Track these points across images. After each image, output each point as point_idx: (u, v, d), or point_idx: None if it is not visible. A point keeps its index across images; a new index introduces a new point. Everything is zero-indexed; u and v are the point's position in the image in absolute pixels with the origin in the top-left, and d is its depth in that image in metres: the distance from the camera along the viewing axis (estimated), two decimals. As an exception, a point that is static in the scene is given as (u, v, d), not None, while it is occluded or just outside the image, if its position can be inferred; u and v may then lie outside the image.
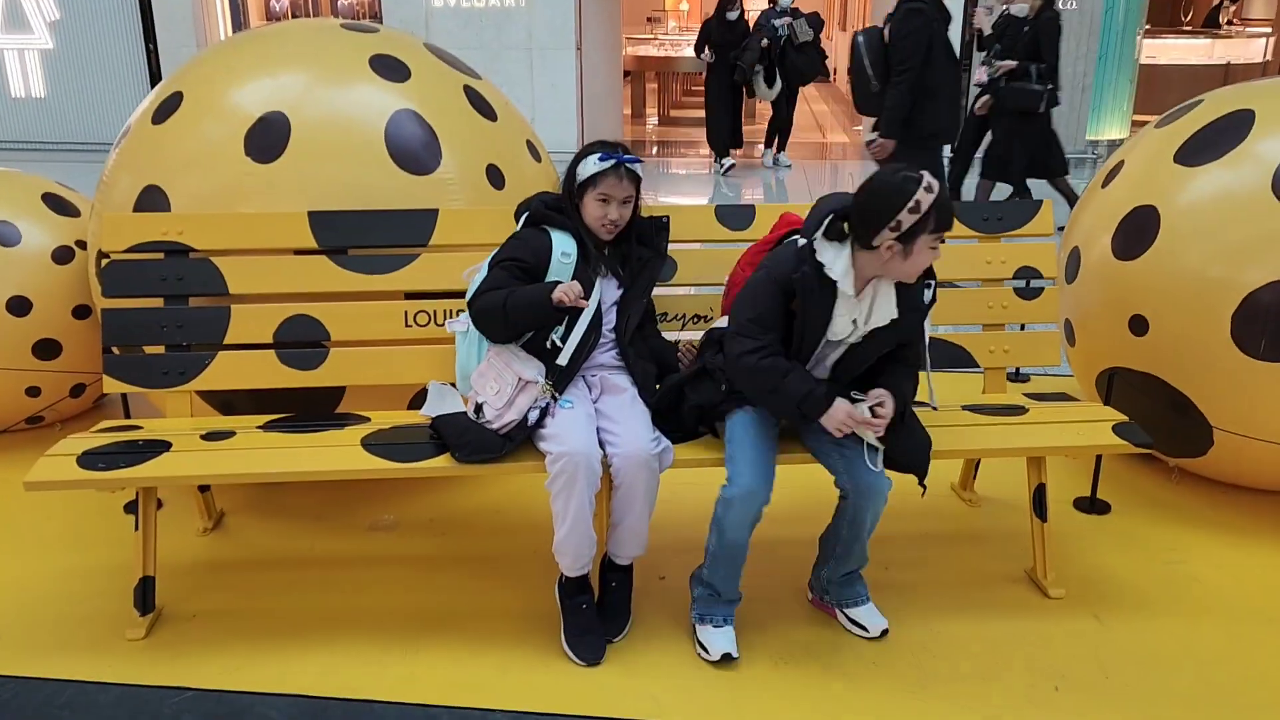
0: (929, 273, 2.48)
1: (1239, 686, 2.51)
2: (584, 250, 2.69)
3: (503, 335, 2.64)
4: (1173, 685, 2.51)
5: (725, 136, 10.15)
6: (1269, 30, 13.62)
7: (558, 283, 2.58)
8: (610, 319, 2.75)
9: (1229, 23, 14.27)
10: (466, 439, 2.58)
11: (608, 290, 2.75)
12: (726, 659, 2.56)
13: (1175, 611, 2.82)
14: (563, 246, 2.67)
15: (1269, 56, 13.04)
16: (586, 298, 2.62)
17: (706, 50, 9.98)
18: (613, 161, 2.62)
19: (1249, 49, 13.00)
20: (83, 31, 10.84)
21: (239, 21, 11.43)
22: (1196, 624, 2.76)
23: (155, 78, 10.88)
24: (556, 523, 2.52)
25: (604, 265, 2.73)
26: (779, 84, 9.83)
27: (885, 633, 2.67)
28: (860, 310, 2.46)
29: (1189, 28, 14.94)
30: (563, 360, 2.61)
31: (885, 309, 2.46)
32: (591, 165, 2.63)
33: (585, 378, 2.71)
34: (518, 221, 2.78)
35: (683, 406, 2.69)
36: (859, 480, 2.50)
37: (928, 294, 2.51)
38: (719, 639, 2.59)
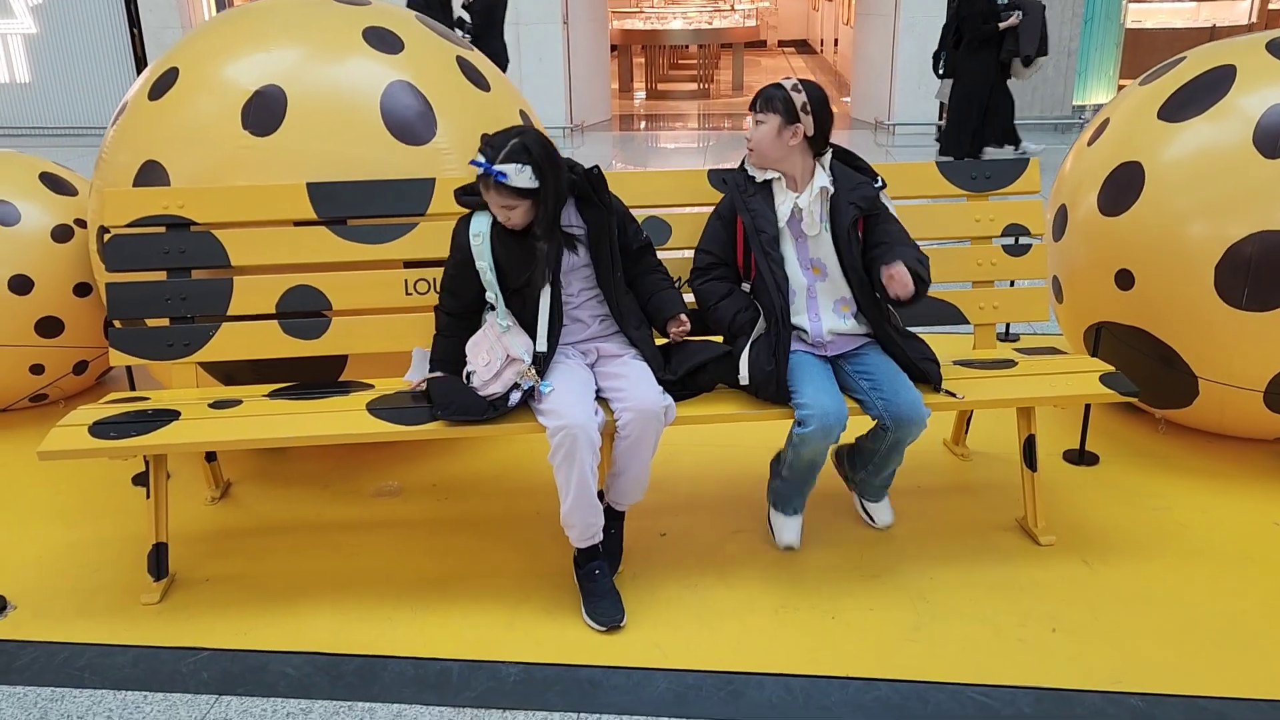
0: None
1: (1222, 623, 2.60)
2: (513, 232, 2.61)
3: None
4: (1159, 623, 2.60)
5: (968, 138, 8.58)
6: (1254, -8, 13.65)
7: (438, 376, 2.74)
8: (577, 284, 2.73)
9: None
10: (451, 399, 2.62)
11: (566, 259, 2.69)
12: (789, 550, 2.86)
13: (1161, 555, 2.90)
14: (476, 228, 2.64)
15: (1254, 18, 13.08)
16: (545, 272, 2.61)
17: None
18: (480, 170, 2.50)
19: (1234, 11, 13.04)
20: (66, 15, 10.79)
21: (223, 3, 11.38)
22: (1181, 566, 2.85)
23: (140, 61, 10.85)
24: (561, 495, 2.55)
25: (545, 244, 2.60)
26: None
27: (889, 526, 3.04)
28: (793, 197, 2.78)
29: (1175, -9, 14.95)
30: (541, 346, 2.64)
31: (819, 181, 2.78)
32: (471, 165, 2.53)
33: (579, 348, 2.76)
34: None
35: (700, 376, 2.76)
36: (899, 415, 2.64)
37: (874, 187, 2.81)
38: (787, 528, 2.89)
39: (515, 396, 2.60)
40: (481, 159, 2.50)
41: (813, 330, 2.78)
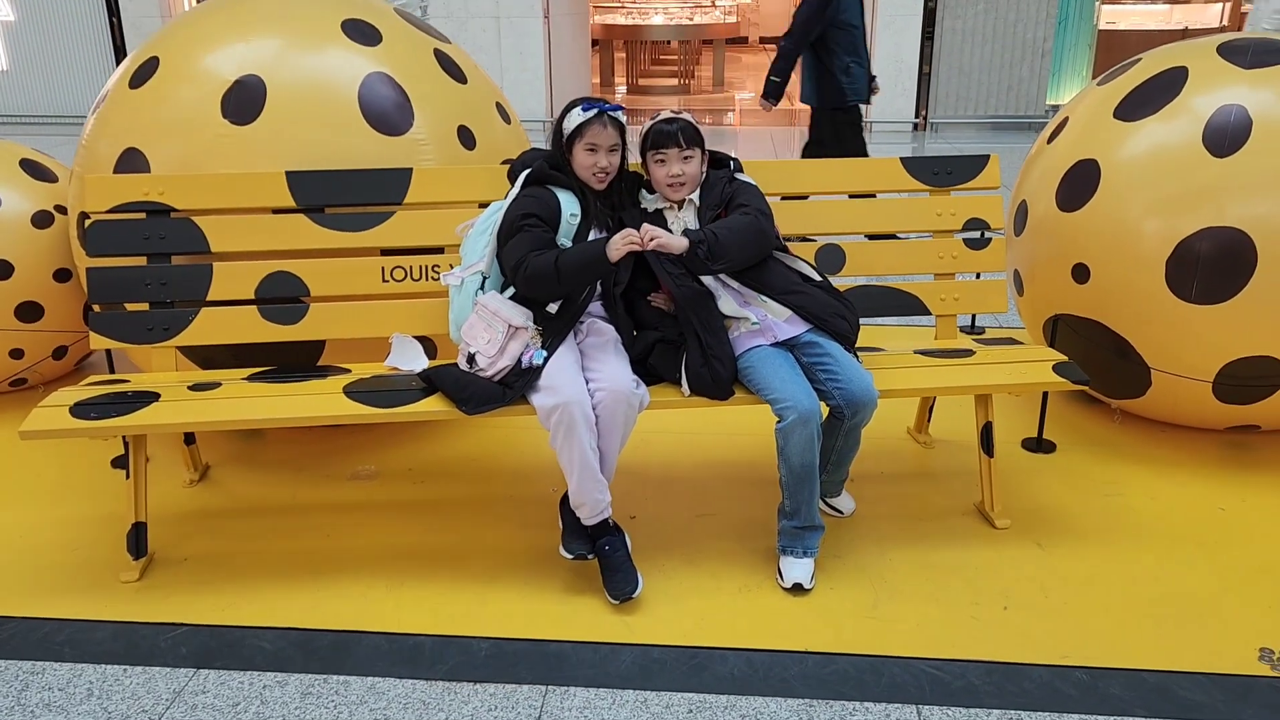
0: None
1: (1166, 601, 2.71)
2: (585, 207, 2.81)
3: (555, 295, 2.74)
4: (1106, 601, 2.71)
5: None
6: (1227, -5, 13.86)
7: (606, 239, 2.67)
8: None
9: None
10: (469, 392, 2.68)
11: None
12: (796, 588, 2.74)
13: (1111, 537, 3.01)
14: (570, 208, 2.80)
15: (1225, 21, 13.27)
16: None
17: None
18: (595, 110, 2.77)
19: (1206, 14, 13.22)
20: (45, 3, 10.74)
21: (203, -8, 11.35)
22: (1130, 548, 2.96)
23: (119, 50, 10.81)
24: (566, 475, 2.63)
25: (604, 220, 2.85)
26: None
27: (852, 512, 3.14)
28: (681, 217, 2.91)
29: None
30: (552, 308, 2.74)
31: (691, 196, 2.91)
32: (576, 117, 2.77)
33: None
34: (512, 180, 2.89)
35: (649, 359, 2.85)
36: (853, 399, 2.71)
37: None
38: (795, 569, 2.76)
39: (526, 360, 2.67)
40: (591, 103, 2.78)
41: (757, 315, 2.83)
